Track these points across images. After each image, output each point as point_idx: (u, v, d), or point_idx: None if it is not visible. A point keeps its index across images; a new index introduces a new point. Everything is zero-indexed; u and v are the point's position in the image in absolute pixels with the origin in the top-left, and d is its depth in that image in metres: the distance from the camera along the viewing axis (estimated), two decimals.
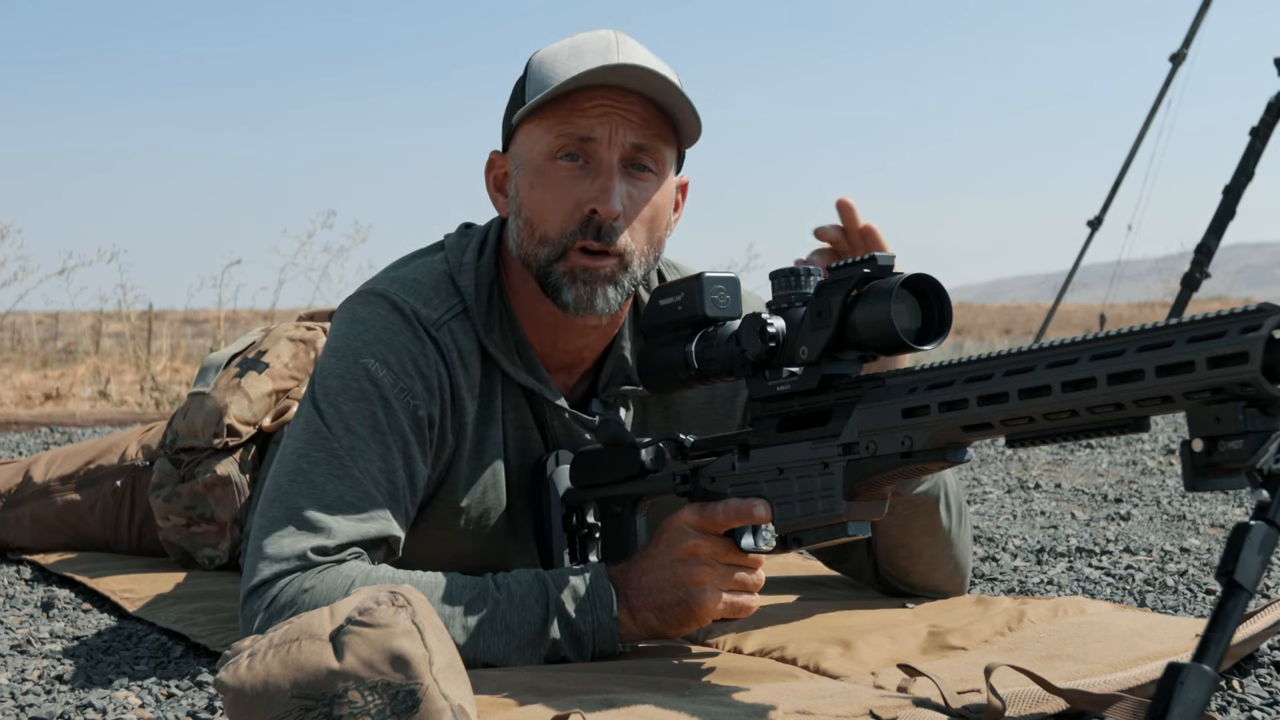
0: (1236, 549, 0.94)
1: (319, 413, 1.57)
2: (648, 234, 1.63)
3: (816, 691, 1.33)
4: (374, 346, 1.60)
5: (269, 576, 1.46)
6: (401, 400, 1.59)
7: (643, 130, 1.59)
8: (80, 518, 2.48)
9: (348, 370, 1.59)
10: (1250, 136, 6.35)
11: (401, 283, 1.66)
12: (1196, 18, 7.63)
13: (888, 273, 1.28)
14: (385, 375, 1.58)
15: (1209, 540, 2.56)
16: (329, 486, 1.52)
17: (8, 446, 4.74)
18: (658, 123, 1.60)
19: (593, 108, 1.58)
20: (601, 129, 1.58)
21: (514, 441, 1.72)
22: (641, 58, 1.59)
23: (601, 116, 1.57)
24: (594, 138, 1.58)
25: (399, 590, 1.17)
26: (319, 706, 1.10)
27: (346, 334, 1.62)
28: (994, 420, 1.15)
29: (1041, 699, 1.27)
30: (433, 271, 1.68)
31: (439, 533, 1.73)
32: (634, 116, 1.58)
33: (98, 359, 9.32)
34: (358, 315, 1.63)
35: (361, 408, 1.57)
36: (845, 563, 1.86)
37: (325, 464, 1.53)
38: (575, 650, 1.49)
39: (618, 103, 1.58)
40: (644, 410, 1.78)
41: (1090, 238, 8.06)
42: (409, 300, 1.63)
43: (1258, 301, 1.01)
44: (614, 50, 1.59)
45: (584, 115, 1.58)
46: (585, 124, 1.57)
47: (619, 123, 1.58)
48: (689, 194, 1.77)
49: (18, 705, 1.49)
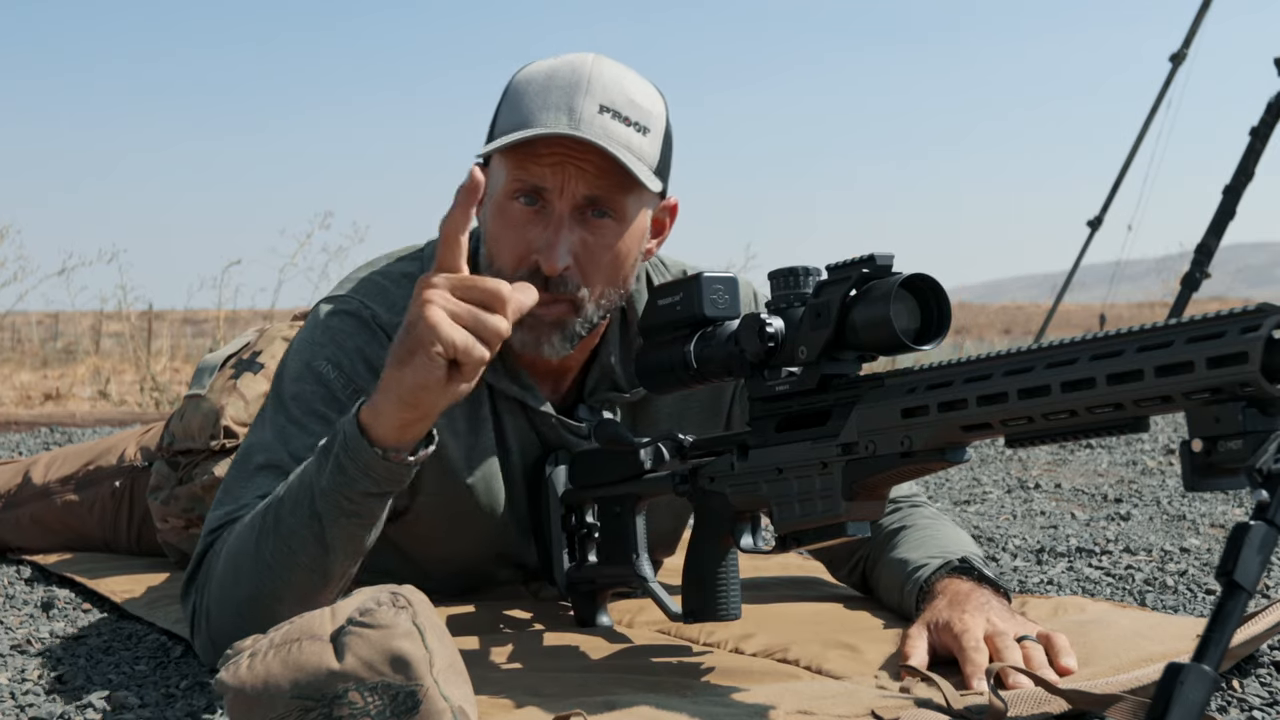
0: (1236, 549, 0.94)
1: (272, 414, 1.62)
2: (607, 277, 1.61)
3: (818, 692, 1.33)
4: (327, 349, 1.63)
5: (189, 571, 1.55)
6: (353, 400, 1.60)
7: (598, 181, 1.56)
8: (80, 519, 2.48)
9: (300, 373, 1.63)
10: (1250, 136, 6.35)
11: (369, 288, 1.68)
12: (1196, 18, 7.63)
13: (887, 272, 1.28)
14: (336, 376, 1.62)
15: (1209, 540, 2.56)
16: (259, 483, 1.55)
17: (8, 446, 4.74)
18: (617, 172, 1.56)
19: (548, 155, 1.55)
20: (554, 179, 1.55)
21: (515, 444, 1.72)
22: (609, 98, 1.55)
23: (555, 166, 1.55)
24: (546, 188, 1.56)
25: (400, 591, 1.17)
26: (319, 707, 1.10)
27: (305, 338, 1.67)
28: (993, 420, 1.15)
29: (1043, 699, 1.27)
30: (404, 278, 1.69)
31: (436, 532, 1.73)
32: (589, 166, 1.55)
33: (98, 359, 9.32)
34: (319, 320, 1.67)
35: (312, 407, 1.60)
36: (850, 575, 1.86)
37: (267, 466, 1.57)
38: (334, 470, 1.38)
39: (573, 152, 1.55)
40: (631, 417, 1.78)
41: (1090, 238, 8.06)
42: (372, 305, 1.66)
43: (1258, 301, 1.01)
44: (580, 92, 1.55)
45: (538, 163, 1.55)
46: (538, 172, 1.56)
47: (573, 173, 1.55)
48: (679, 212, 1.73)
49: (18, 705, 1.48)
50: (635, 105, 1.58)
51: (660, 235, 1.73)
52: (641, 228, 1.64)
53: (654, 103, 1.61)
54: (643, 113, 1.58)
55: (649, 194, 1.62)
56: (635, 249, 1.64)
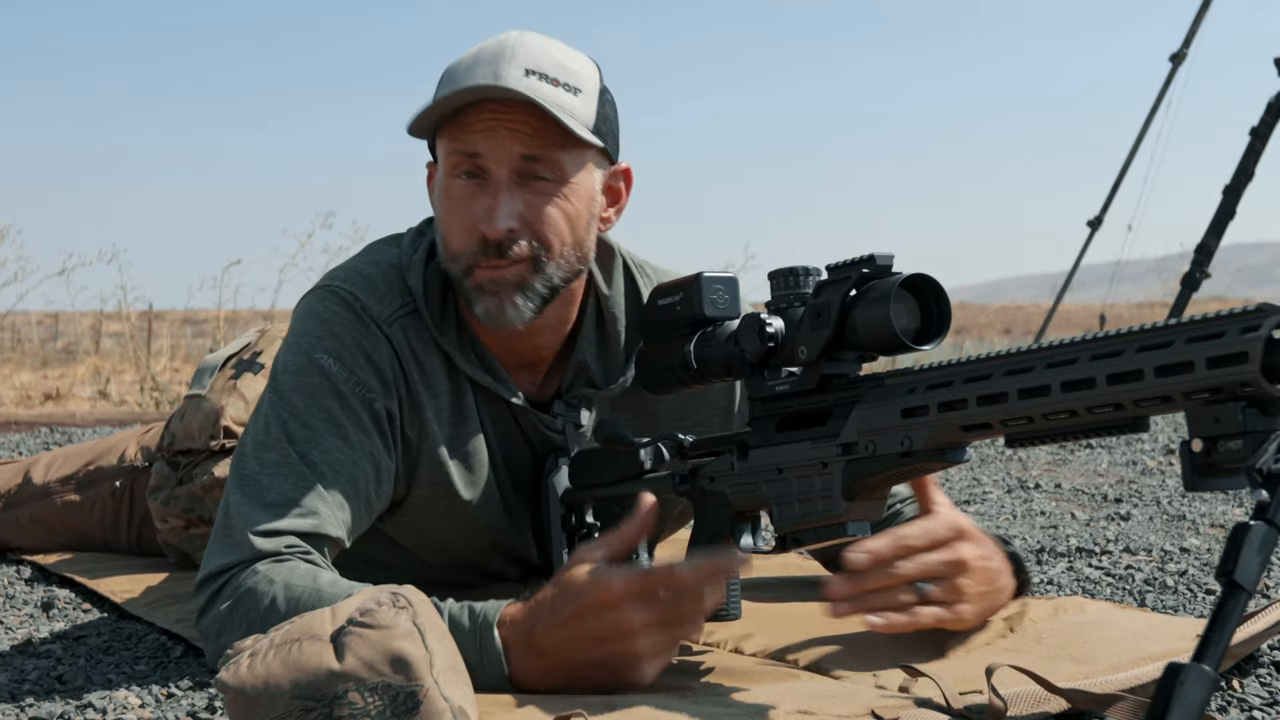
0: (1236, 549, 0.94)
1: (275, 409, 1.59)
2: (560, 237, 1.60)
3: (818, 692, 1.33)
4: (326, 341, 1.62)
5: (212, 572, 1.51)
6: (356, 393, 1.60)
7: (532, 139, 1.56)
8: (80, 519, 2.48)
9: (301, 366, 1.61)
10: (1250, 136, 6.35)
11: (355, 278, 1.67)
12: (1196, 18, 7.63)
13: (886, 272, 1.28)
14: (339, 370, 1.60)
15: (1209, 540, 2.55)
16: (275, 485, 1.53)
17: (8, 446, 4.74)
18: (552, 130, 1.56)
19: (478, 122, 1.55)
20: (486, 144, 1.56)
21: (495, 439, 1.72)
22: (535, 62, 1.55)
23: (486, 131, 1.55)
24: (480, 153, 1.56)
25: (400, 591, 1.17)
26: (319, 707, 1.10)
27: (301, 329, 1.65)
28: (993, 420, 1.15)
29: (1042, 699, 1.27)
30: (385, 267, 1.69)
31: (428, 524, 1.73)
32: (523, 126, 1.55)
33: (98, 359, 9.32)
34: (313, 310, 1.66)
35: (316, 401, 1.59)
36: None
37: (275, 464, 1.55)
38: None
39: (502, 115, 1.55)
40: (613, 412, 1.78)
41: (1090, 238, 8.05)
42: (361, 296, 1.65)
43: (1258, 301, 1.01)
44: (505, 60, 1.55)
45: (470, 130, 1.56)
46: (471, 139, 1.56)
47: (505, 135, 1.55)
48: (634, 182, 1.72)
49: (18, 705, 1.48)
50: (562, 67, 1.58)
51: (618, 203, 1.72)
52: (588, 189, 1.63)
53: (584, 65, 1.61)
54: (571, 74, 1.59)
55: (591, 152, 1.62)
56: (584, 211, 1.63)
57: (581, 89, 1.59)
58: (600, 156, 1.64)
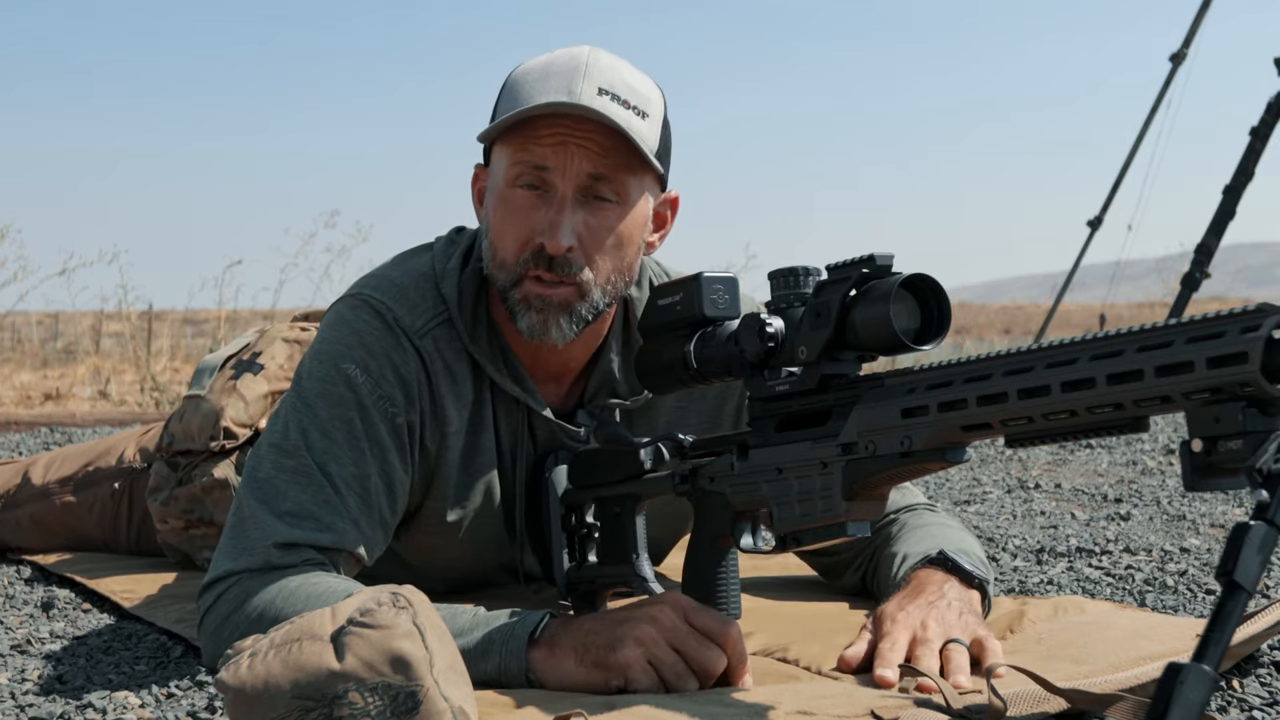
0: (1236, 549, 0.94)
1: (296, 415, 1.58)
2: (612, 262, 1.61)
3: (818, 692, 1.33)
4: (355, 352, 1.61)
5: (220, 575, 1.50)
6: (379, 407, 1.59)
7: (601, 160, 1.56)
8: (79, 519, 2.47)
9: (327, 374, 1.60)
10: (1250, 136, 6.35)
11: (388, 288, 1.66)
12: (1196, 18, 7.63)
13: (886, 272, 1.28)
14: (364, 381, 1.60)
15: (1209, 540, 2.56)
16: (292, 494, 1.53)
17: (8, 446, 4.74)
18: (620, 150, 1.56)
19: (549, 136, 1.55)
20: (555, 158, 1.55)
21: (507, 447, 1.72)
22: (608, 81, 1.55)
23: (556, 145, 1.55)
24: (548, 167, 1.56)
25: (400, 592, 1.17)
26: (319, 707, 1.10)
27: (330, 337, 1.64)
28: (993, 420, 1.15)
29: (1042, 699, 1.27)
30: (419, 276, 1.68)
31: (434, 538, 1.73)
32: (592, 145, 1.55)
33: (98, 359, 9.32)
34: (344, 318, 1.65)
35: (338, 413, 1.58)
36: (838, 579, 1.87)
37: (292, 471, 1.55)
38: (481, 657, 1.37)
39: (574, 131, 1.55)
40: (629, 423, 1.78)
41: (1090, 238, 8.06)
42: (394, 307, 1.64)
43: (1257, 301, 1.01)
44: (579, 76, 1.55)
45: (539, 144, 1.56)
46: (540, 152, 1.56)
47: (575, 152, 1.55)
48: (679, 208, 1.73)
49: (18, 705, 1.48)
50: (633, 90, 1.58)
51: (662, 229, 1.73)
52: (643, 214, 1.64)
53: (652, 90, 1.62)
54: (641, 98, 1.59)
55: (650, 179, 1.62)
56: (638, 235, 1.64)
57: (649, 113, 1.59)
58: (655, 183, 1.65)
